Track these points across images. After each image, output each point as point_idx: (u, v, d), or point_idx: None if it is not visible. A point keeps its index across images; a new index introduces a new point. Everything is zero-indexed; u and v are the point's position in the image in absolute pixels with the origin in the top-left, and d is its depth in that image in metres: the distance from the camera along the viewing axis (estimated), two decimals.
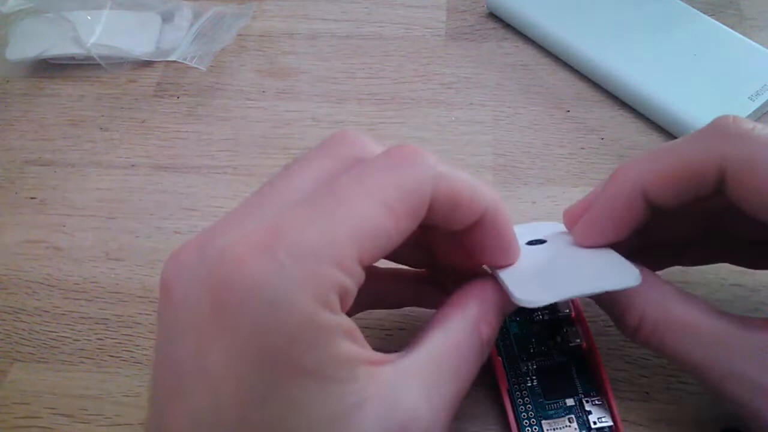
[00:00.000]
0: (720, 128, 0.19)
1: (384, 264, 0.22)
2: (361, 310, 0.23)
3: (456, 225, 0.19)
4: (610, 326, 0.26)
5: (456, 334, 0.19)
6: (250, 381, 0.16)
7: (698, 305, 0.20)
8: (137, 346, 0.27)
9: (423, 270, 0.24)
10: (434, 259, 0.23)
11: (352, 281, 0.16)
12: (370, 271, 0.22)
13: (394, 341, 0.27)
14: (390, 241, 0.17)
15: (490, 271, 0.21)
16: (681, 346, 0.20)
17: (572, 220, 0.23)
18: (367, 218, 0.16)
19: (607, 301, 0.21)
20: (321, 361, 0.16)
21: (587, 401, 0.23)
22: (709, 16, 0.36)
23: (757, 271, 0.27)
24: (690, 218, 0.23)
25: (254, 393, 0.16)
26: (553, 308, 0.26)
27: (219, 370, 0.16)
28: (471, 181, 0.18)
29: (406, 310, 0.27)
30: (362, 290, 0.18)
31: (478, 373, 0.19)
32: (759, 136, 0.19)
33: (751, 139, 0.19)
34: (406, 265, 0.24)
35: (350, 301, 0.17)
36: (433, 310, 0.20)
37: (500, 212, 0.19)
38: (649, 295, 0.20)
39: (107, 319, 0.28)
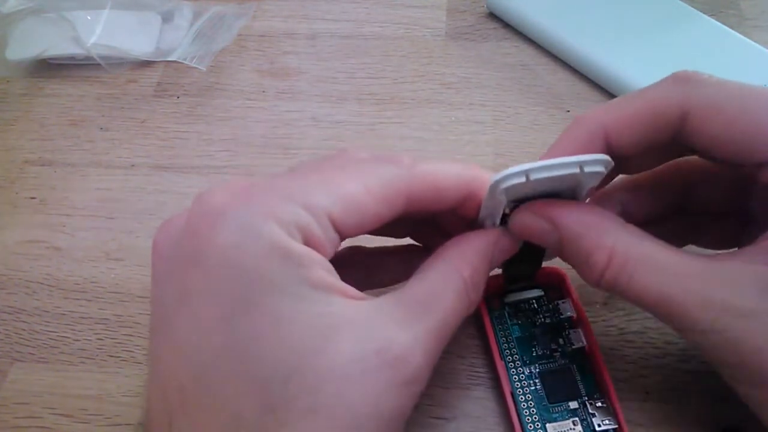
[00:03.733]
0: (681, 76, 0.21)
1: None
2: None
3: (445, 206, 0.20)
4: (610, 326, 0.26)
5: (433, 275, 0.20)
6: (225, 299, 0.17)
7: (664, 244, 0.20)
8: (137, 346, 0.27)
9: (412, 244, 0.25)
10: (417, 227, 0.24)
11: (318, 227, 0.18)
12: (360, 250, 0.24)
13: None
14: (366, 212, 0.18)
15: None
16: (650, 281, 0.19)
17: None
18: (343, 186, 0.18)
19: (574, 241, 0.21)
20: (291, 279, 0.17)
21: (591, 404, 0.23)
22: (709, 16, 0.37)
23: None
24: (657, 191, 0.23)
25: (232, 310, 0.17)
26: (555, 311, 0.26)
27: (198, 296, 0.17)
28: (450, 169, 0.20)
29: None
30: (354, 265, 0.20)
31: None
32: (719, 82, 0.20)
33: (712, 84, 0.20)
34: (388, 236, 0.24)
35: (322, 247, 0.18)
36: None
37: (485, 180, 0.20)
38: (619, 232, 0.20)
39: (107, 319, 0.28)
